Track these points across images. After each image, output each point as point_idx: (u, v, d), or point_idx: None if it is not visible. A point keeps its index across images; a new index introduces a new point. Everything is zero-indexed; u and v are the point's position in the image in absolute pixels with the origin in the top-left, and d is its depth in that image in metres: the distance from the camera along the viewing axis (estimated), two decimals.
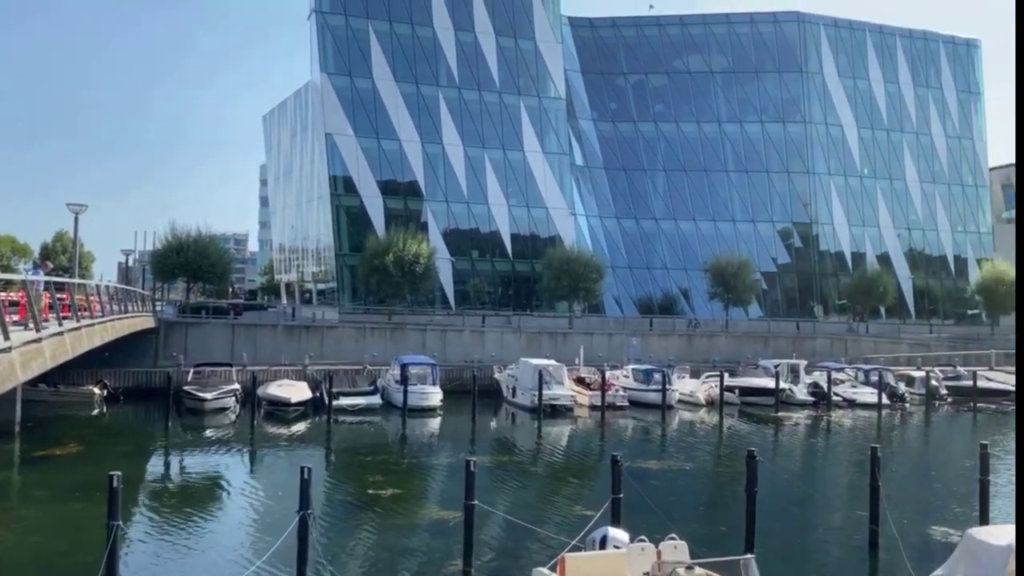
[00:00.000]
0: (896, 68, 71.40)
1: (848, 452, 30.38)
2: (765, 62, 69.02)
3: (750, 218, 66.98)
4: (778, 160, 67.79)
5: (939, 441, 35.78)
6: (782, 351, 52.03)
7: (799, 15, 69.34)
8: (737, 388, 41.40)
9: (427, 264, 49.68)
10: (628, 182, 67.67)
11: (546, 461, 28.10)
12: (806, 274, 67.47)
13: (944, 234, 71.16)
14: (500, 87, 60.89)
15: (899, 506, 18.62)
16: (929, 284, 70.18)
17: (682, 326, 57.39)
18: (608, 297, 61.16)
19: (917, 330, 63.28)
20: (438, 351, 45.30)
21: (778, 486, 22.91)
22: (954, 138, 72.45)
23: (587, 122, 68.10)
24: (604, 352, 48.22)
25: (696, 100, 69.16)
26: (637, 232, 66.59)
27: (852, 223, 68.37)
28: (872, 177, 69.65)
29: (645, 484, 20.44)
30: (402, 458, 27.82)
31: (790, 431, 35.90)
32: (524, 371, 38.51)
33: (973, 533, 11.99)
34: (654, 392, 38.93)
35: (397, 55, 58.49)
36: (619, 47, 69.87)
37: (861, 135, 69.71)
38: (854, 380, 44.48)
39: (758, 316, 62.99)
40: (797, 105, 68.56)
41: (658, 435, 34.07)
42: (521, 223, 60.63)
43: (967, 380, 44.24)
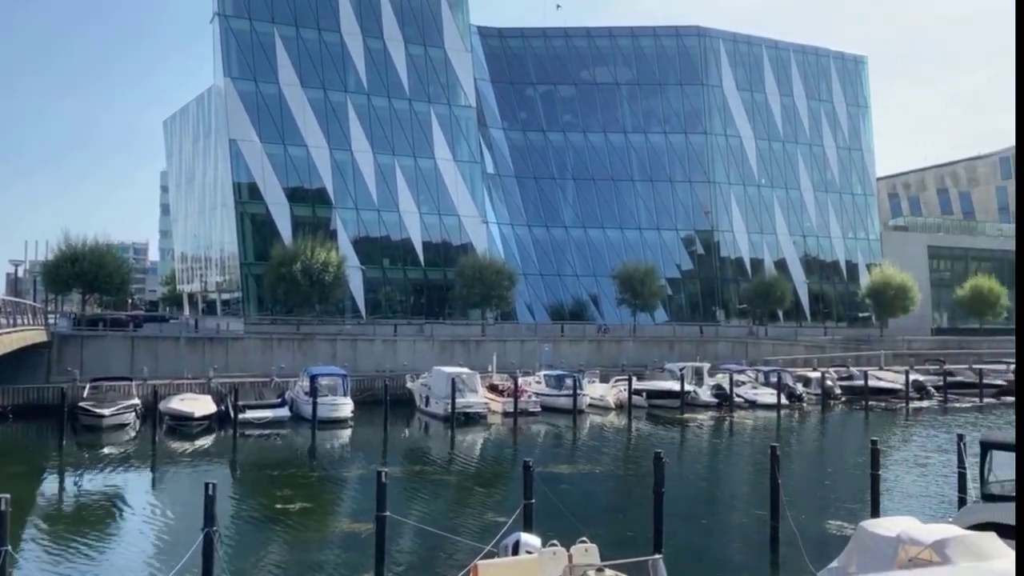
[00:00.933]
0: (790, 82, 74.69)
1: (750, 451, 31.53)
2: (668, 75, 71.10)
3: (655, 226, 68.74)
4: (681, 170, 69.87)
5: (834, 439, 37.54)
6: (687, 354, 53.56)
7: (700, 30, 71.75)
8: (645, 391, 42.41)
9: (336, 273, 48.96)
10: (538, 190, 68.49)
11: (459, 469, 28.12)
12: (708, 280, 69.68)
13: (836, 241, 74.75)
14: (410, 94, 60.69)
15: (798, 502, 19.48)
16: (823, 288, 73.52)
17: (592, 332, 58.37)
18: (520, 304, 61.69)
19: (813, 332, 66.19)
20: (349, 361, 44.71)
21: (685, 486, 23.61)
22: (844, 149, 76.28)
23: (498, 131, 68.63)
24: (517, 359, 48.59)
25: (603, 111, 70.63)
26: (548, 240, 67.43)
27: (751, 230, 71.04)
28: (769, 186, 72.63)
29: (557, 489, 20.74)
30: (311, 471, 27.33)
31: (695, 432, 37.01)
32: (437, 380, 38.43)
33: (865, 526, 12.62)
34: (565, 397, 39.48)
35: (304, 60, 57.55)
36: (528, 57, 70.74)
37: (758, 146, 72.58)
38: (755, 381, 46.17)
39: (664, 321, 64.66)
40: (698, 117, 70.85)
41: (569, 440, 34.56)
42: (433, 231, 60.50)
43: (859, 380, 46.55)
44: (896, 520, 12.78)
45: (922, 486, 24.21)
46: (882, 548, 11.46)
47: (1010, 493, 15.45)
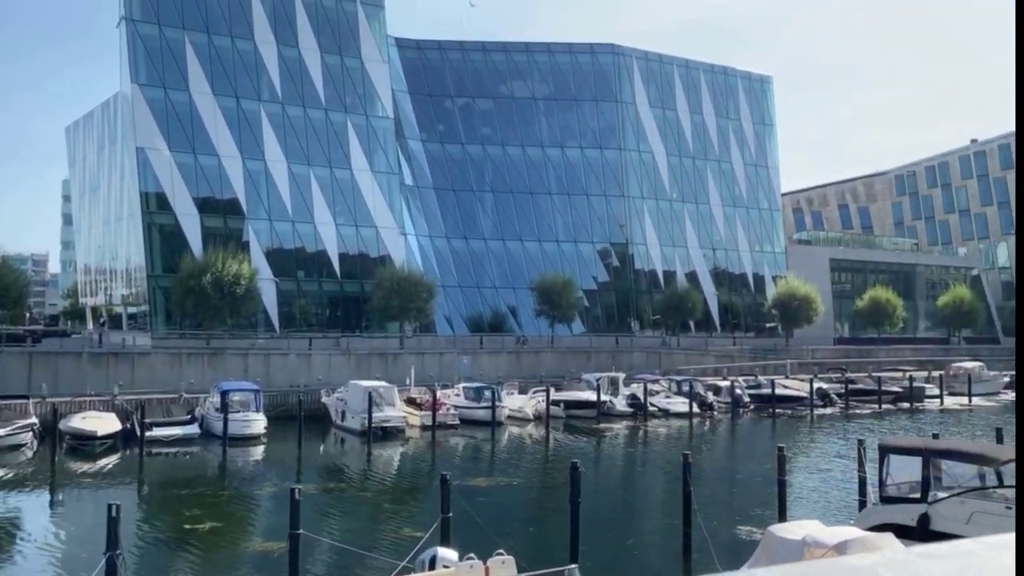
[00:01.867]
0: (700, 100, 77.05)
1: (663, 459, 32.22)
2: (584, 91, 72.37)
3: (572, 239, 69.70)
4: (597, 184, 71.11)
5: (743, 446, 38.72)
6: (603, 365, 54.37)
7: (614, 48, 73.33)
8: (562, 402, 42.83)
9: (249, 285, 47.77)
10: (457, 202, 68.56)
11: (376, 484, 27.79)
12: (624, 291, 71.01)
13: (744, 254, 77.30)
14: (326, 104, 59.94)
15: (709, 508, 20.01)
16: (732, 300, 75.86)
17: (511, 343, 58.65)
18: (439, 316, 61.48)
19: (722, 343, 68.15)
20: (262, 376, 43.63)
21: (601, 495, 23.94)
22: (751, 166, 79.08)
23: (416, 142, 68.43)
24: (435, 371, 48.36)
25: (521, 125, 71.32)
26: (467, 251, 67.51)
27: (663, 243, 72.81)
28: (680, 201, 74.64)
29: (474, 502, 20.74)
30: (222, 490, 26.54)
31: (611, 441, 37.59)
32: (353, 394, 37.89)
33: (773, 530, 13.09)
34: (484, 410, 39.51)
35: (216, 68, 56.18)
36: (446, 70, 70.88)
37: (670, 162, 74.56)
38: (668, 391, 47.20)
39: (581, 332, 65.51)
40: (613, 132, 72.32)
41: (488, 452, 34.59)
42: (349, 242, 59.77)
43: (767, 388, 48.11)
44: (802, 524, 13.31)
45: (826, 490, 25.21)
46: (789, 551, 11.90)
47: (906, 495, 16.29)
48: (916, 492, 15.99)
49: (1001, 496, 15.12)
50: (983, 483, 15.57)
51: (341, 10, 61.41)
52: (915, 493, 16.01)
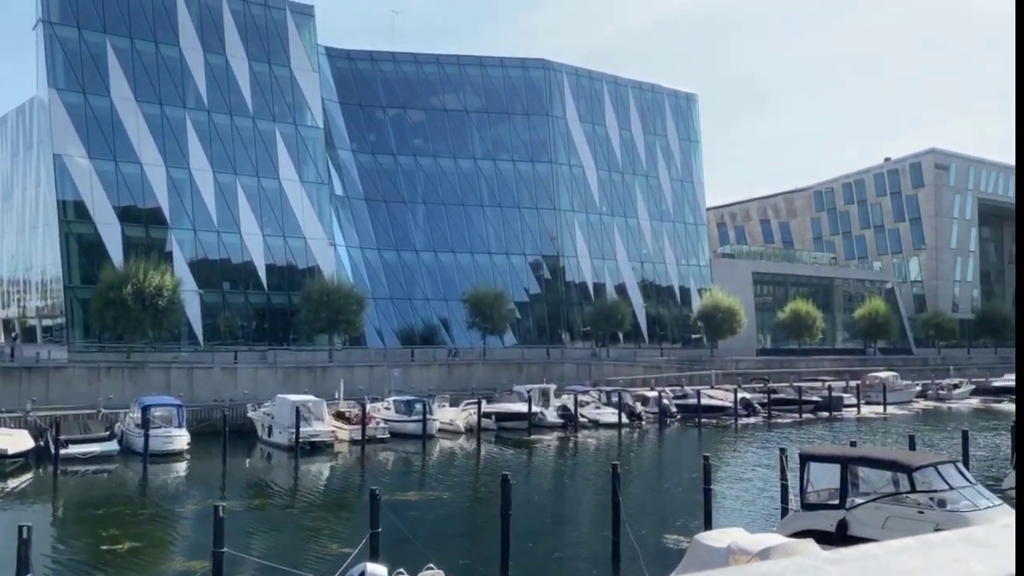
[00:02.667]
0: (629, 116, 78.51)
1: (593, 470, 32.57)
2: (515, 104, 72.94)
3: (504, 251, 70.00)
4: (528, 197, 71.66)
5: (670, 455, 39.43)
6: (534, 377, 54.68)
7: (545, 63, 74.17)
8: (494, 414, 42.88)
9: (171, 297, 46.41)
10: (388, 213, 68.10)
11: (304, 500, 27.31)
12: (555, 303, 71.61)
13: (671, 267, 78.90)
14: (254, 113, 58.87)
15: (638, 517, 20.32)
16: (659, 312, 77.28)
17: (442, 356, 58.43)
18: (370, 329, 60.81)
19: (650, 354, 69.32)
20: (185, 391, 42.42)
21: (531, 507, 24.05)
22: (677, 181, 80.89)
23: (346, 152, 67.76)
24: (365, 385, 47.82)
25: (453, 137, 71.39)
26: (398, 263, 67.07)
27: (593, 256, 73.76)
28: (610, 215, 75.81)
29: (404, 516, 20.59)
30: (142, 508, 25.67)
31: (542, 453, 37.81)
32: (281, 408, 37.19)
33: (699, 538, 13.39)
34: (415, 423, 39.26)
35: (139, 74, 54.62)
36: (377, 80, 70.49)
37: (600, 176, 75.69)
38: (598, 401, 47.77)
39: (513, 344, 65.74)
40: (544, 146, 73.05)
41: (419, 465, 34.37)
42: (277, 253, 58.70)
43: (693, 398, 49.13)
44: (727, 531, 13.65)
45: (750, 498, 25.88)
46: (714, 558, 12.20)
47: (825, 501, 16.87)
48: (835, 499, 16.57)
49: (913, 501, 15.80)
50: (897, 489, 16.21)
51: (270, 18, 60.53)
52: (834, 500, 16.58)
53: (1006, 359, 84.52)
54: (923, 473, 16.02)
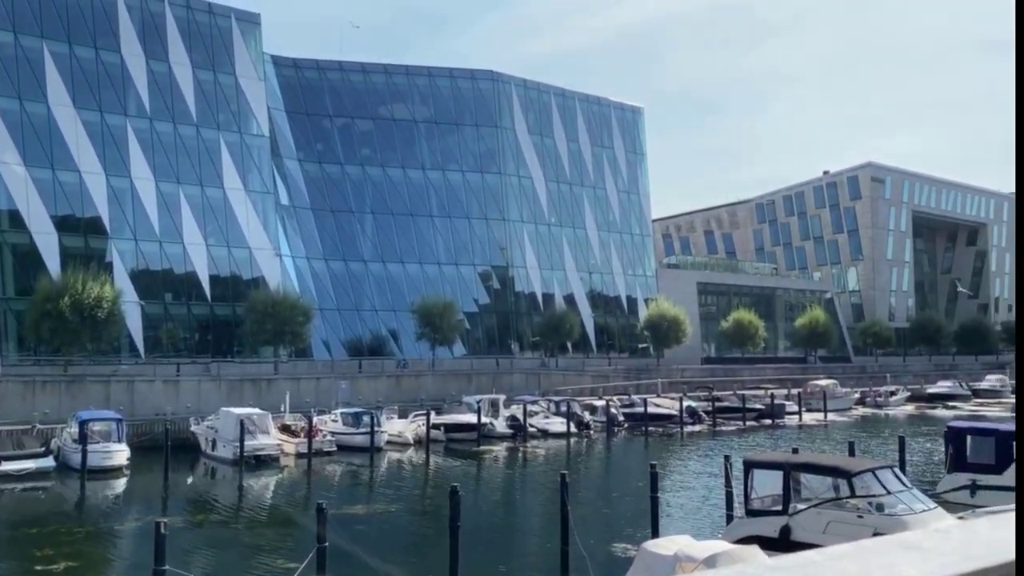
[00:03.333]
0: (576, 129, 79.30)
1: (542, 479, 32.67)
2: (464, 115, 73.07)
3: (453, 261, 69.92)
4: (478, 207, 71.77)
5: (618, 464, 39.79)
6: (484, 387, 54.64)
7: (493, 74, 74.50)
8: (443, 425, 42.72)
9: (111, 308, 45.19)
10: (336, 223, 67.46)
11: (249, 515, 26.83)
12: (504, 314, 71.73)
13: (618, 277, 79.76)
14: (198, 121, 57.85)
15: (586, 526, 20.46)
16: (607, 321, 78.03)
17: (391, 367, 58.01)
18: (316, 340, 60.05)
19: (598, 363, 69.92)
20: (125, 404, 41.32)
21: (481, 518, 24.03)
22: (624, 193, 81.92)
23: (293, 161, 66.97)
24: (312, 397, 47.24)
25: (401, 146, 71.15)
26: (345, 274, 66.44)
27: (542, 267, 74.17)
28: (558, 225, 76.37)
29: (352, 530, 20.40)
30: (79, 526, 24.91)
31: (491, 464, 37.80)
32: (225, 421, 36.49)
33: (646, 546, 13.53)
34: (363, 435, 38.89)
35: (78, 79, 53.25)
36: (324, 89, 69.91)
37: (548, 187, 76.24)
38: (547, 411, 47.93)
39: (462, 354, 65.61)
40: (493, 157, 73.30)
41: (366, 478, 34.06)
42: (221, 264, 57.67)
43: (640, 407, 49.68)
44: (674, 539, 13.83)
45: (696, 505, 26.26)
46: (661, 567, 12.36)
47: (769, 508, 17.22)
48: (778, 505, 16.92)
49: (853, 506, 16.23)
50: (837, 494, 16.63)
51: (215, 25, 59.64)
52: (777, 506, 16.93)
53: (940, 366, 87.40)
54: (862, 479, 16.47)
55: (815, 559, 1.51)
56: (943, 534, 1.83)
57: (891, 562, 1.59)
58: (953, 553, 1.66)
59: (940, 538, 1.80)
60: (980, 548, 1.63)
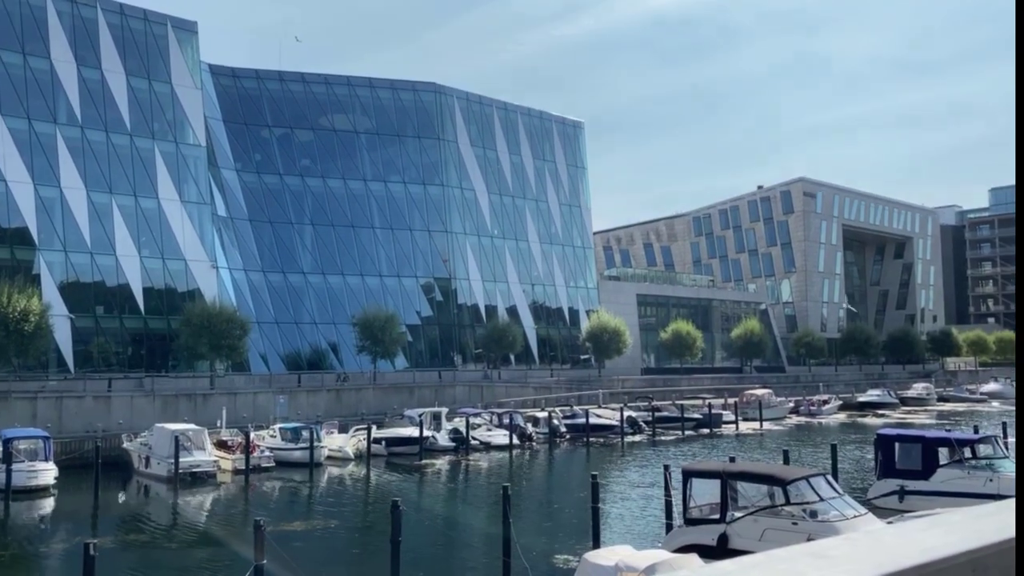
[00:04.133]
0: (519, 142, 79.80)
1: (484, 492, 32.68)
2: (406, 127, 72.88)
3: (395, 273, 69.50)
4: (420, 219, 71.55)
5: (560, 475, 40.03)
6: (426, 400, 54.38)
7: (436, 87, 74.54)
8: (384, 439, 42.36)
9: (39, 322, 43.69)
10: (275, 235, 66.43)
11: (184, 534, 26.19)
12: (447, 326, 71.55)
13: (560, 289, 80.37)
14: (132, 129, 56.44)
15: (529, 538, 20.54)
16: (549, 333, 78.50)
17: (331, 381, 57.27)
18: (254, 354, 58.94)
19: (541, 375, 70.26)
20: (53, 421, 39.95)
21: (423, 532, 23.93)
22: (566, 206, 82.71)
23: (230, 172, 65.78)
24: (250, 412, 46.35)
25: (342, 158, 70.54)
26: (284, 286, 65.42)
27: (485, 279, 74.28)
28: (501, 238, 76.64)
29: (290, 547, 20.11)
30: (3, 549, 24.02)
31: (433, 477, 37.63)
32: (159, 438, 35.58)
33: (588, 557, 13.71)
34: (302, 450, 38.33)
35: (4, 86, 51.47)
36: (263, 99, 68.93)
37: (491, 199, 76.49)
38: (489, 424, 47.97)
39: (404, 367, 65.16)
40: (436, 169, 73.24)
41: (306, 494, 33.58)
42: (156, 276, 56.24)
43: (581, 418, 50.10)
44: (615, 549, 14.05)
45: (637, 515, 26.59)
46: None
47: (707, 516, 17.57)
48: (716, 513, 17.27)
49: (788, 513, 16.66)
50: (773, 502, 17.03)
51: (150, 32, 58.36)
52: (715, 514, 17.28)
53: (870, 375, 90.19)
54: (796, 486, 16.92)
55: (729, 569, 1.64)
56: (851, 542, 1.98)
57: (799, 570, 1.71)
58: (860, 561, 1.79)
59: (848, 546, 1.93)
60: (884, 556, 1.77)
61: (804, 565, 1.75)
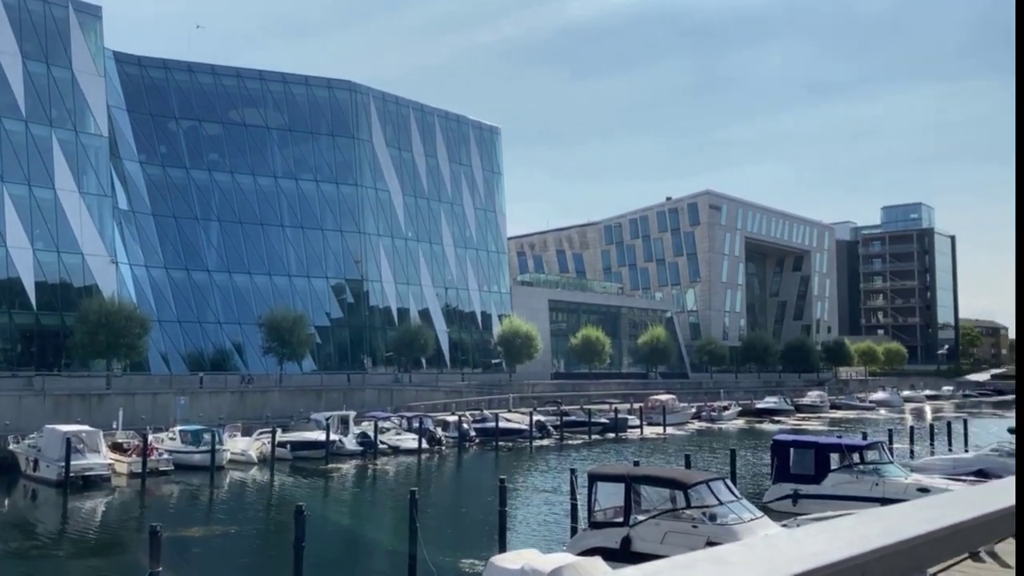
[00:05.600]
0: (435, 144, 79.60)
1: (391, 497, 32.42)
2: (320, 124, 71.64)
3: (305, 273, 68.19)
4: (332, 218, 70.44)
5: (468, 479, 40.08)
6: (334, 403, 53.52)
7: (351, 85, 73.59)
8: (289, 443, 41.52)
9: None
10: (179, 230, 64.18)
11: (74, 541, 25.01)
12: (357, 328, 70.64)
13: (473, 293, 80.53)
14: (27, 116, 53.61)
15: (435, 543, 20.50)
16: (462, 337, 78.52)
17: (235, 382, 55.74)
18: (154, 353, 56.80)
19: (452, 379, 70.17)
20: None
21: (327, 538, 23.56)
22: (481, 210, 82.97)
23: (134, 164, 63.22)
24: (148, 414, 44.65)
25: (252, 153, 68.78)
26: (188, 284, 63.27)
27: (398, 281, 73.72)
28: (415, 240, 76.24)
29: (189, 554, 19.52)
30: None
31: (339, 482, 37.10)
32: (49, 439, 33.85)
33: (494, 561, 13.79)
34: (203, 453, 37.15)
35: None
36: (171, 90, 66.55)
37: (406, 201, 76.01)
38: (399, 428, 47.61)
39: (312, 370, 63.99)
40: (350, 168, 72.26)
41: (205, 499, 32.57)
42: (49, 270, 53.51)
43: (491, 422, 50.24)
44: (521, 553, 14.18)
45: (544, 518, 26.88)
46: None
47: (611, 519, 17.91)
48: (620, 516, 17.61)
49: (688, 516, 17.14)
50: (674, 505, 17.49)
51: (50, 15, 55.56)
52: (619, 517, 17.62)
53: (768, 382, 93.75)
54: (697, 490, 17.42)
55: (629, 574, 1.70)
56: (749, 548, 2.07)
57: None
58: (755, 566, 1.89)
59: (745, 552, 2.03)
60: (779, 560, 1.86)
61: (703, 570, 1.83)
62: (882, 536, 1.87)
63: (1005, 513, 2.48)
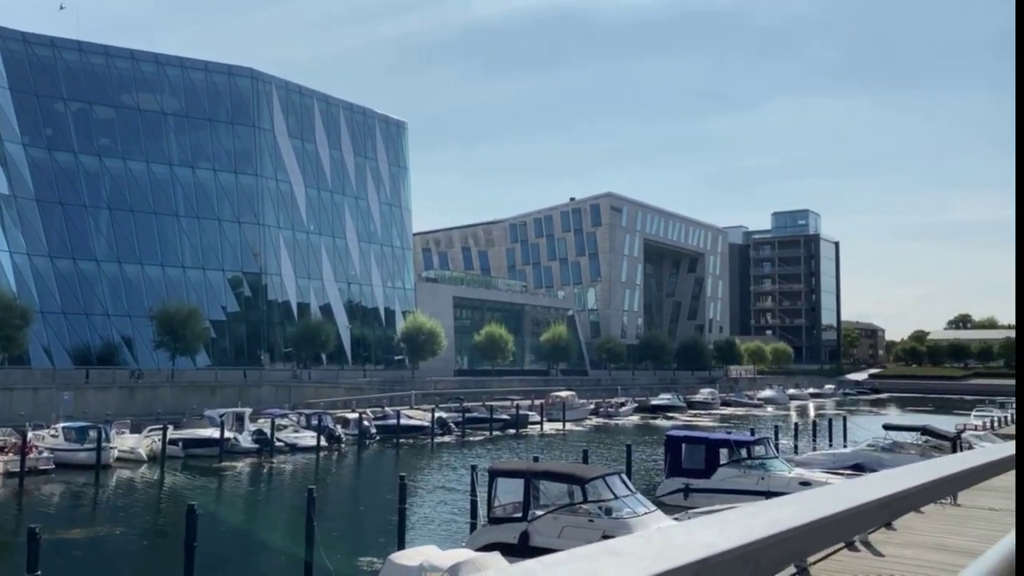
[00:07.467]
0: (340, 136, 78.24)
1: (288, 495, 31.78)
2: (219, 111, 69.28)
3: (200, 265, 65.86)
4: (230, 209, 68.26)
5: (368, 477, 39.66)
6: (229, 400, 51.96)
7: (253, 72, 71.48)
8: (181, 440, 40.16)
9: None
10: (65, 217, 60.84)
11: None
12: (254, 323, 68.73)
13: (377, 289, 79.62)
14: None
15: (334, 541, 20.23)
16: (364, 333, 77.53)
17: (124, 377, 53.40)
18: (36, 346, 53.71)
19: (353, 375, 69.21)
20: None
21: (220, 537, 22.90)
22: (386, 205, 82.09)
23: (16, 146, 59.49)
24: (28, 409, 42.30)
25: (146, 139, 65.88)
26: (74, 274, 60.06)
27: (299, 275, 72.12)
28: (318, 233, 74.74)
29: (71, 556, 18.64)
30: None
31: (234, 480, 36.09)
32: None
33: (393, 558, 13.76)
34: (88, 451, 35.44)
35: None
36: (59, 70, 62.93)
37: (308, 193, 74.41)
38: (297, 425, 46.66)
39: (206, 365, 61.88)
40: (249, 157, 70.18)
41: (90, 499, 31.11)
42: None
43: (393, 419, 49.88)
44: (420, 550, 14.19)
45: (443, 515, 26.91)
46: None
47: (511, 515, 18.12)
48: (519, 511, 17.84)
49: (585, 511, 17.51)
50: (572, 499, 17.83)
51: None
52: (518, 512, 17.85)
53: (663, 380, 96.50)
54: (594, 485, 17.82)
55: (535, 568, 1.75)
56: (644, 540, 2.15)
57: (597, 568, 1.85)
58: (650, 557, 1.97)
59: (641, 544, 2.11)
60: (673, 551, 1.94)
61: (602, 562, 1.89)
62: (767, 527, 1.99)
63: (878, 504, 2.67)
